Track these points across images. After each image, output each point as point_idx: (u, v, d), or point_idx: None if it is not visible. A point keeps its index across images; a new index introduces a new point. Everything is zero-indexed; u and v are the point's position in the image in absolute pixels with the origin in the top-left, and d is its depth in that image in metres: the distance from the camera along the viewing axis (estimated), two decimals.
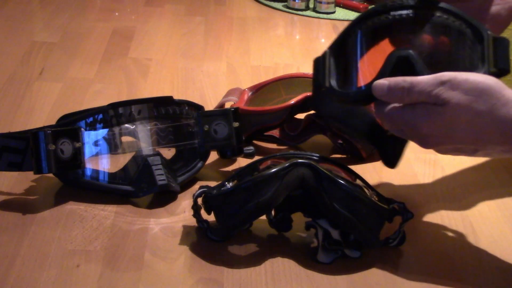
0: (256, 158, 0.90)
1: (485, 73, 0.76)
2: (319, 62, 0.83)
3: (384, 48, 0.80)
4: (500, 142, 0.73)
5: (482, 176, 0.98)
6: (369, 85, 0.77)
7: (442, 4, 0.79)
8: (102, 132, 0.89)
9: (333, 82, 0.80)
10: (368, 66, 0.80)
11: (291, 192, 0.78)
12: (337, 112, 0.91)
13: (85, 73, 1.22)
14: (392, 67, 0.76)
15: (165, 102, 0.92)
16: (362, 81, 0.79)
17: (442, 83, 0.72)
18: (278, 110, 0.97)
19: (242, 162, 0.97)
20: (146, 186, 0.87)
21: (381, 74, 0.77)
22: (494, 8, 0.85)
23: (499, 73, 0.77)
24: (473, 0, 0.84)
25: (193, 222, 0.82)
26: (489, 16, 0.85)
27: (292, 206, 0.82)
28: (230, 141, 0.92)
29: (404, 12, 0.79)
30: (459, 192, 0.95)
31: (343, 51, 0.82)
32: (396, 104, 0.75)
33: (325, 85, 0.81)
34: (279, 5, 1.62)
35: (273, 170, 0.77)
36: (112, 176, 0.89)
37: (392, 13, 0.79)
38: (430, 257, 0.81)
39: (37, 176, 0.89)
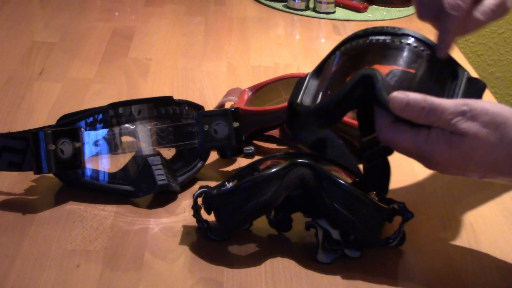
0: (256, 158, 0.90)
1: None
2: (299, 82, 0.83)
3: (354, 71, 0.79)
4: (510, 174, 0.72)
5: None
6: (325, 100, 0.78)
7: (421, 37, 0.79)
8: (102, 132, 0.89)
9: (306, 100, 0.81)
10: (336, 86, 0.80)
11: (291, 192, 0.78)
12: (308, 140, 0.87)
13: (85, 73, 1.22)
14: (354, 83, 0.75)
15: (165, 102, 0.92)
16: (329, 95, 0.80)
17: (462, 112, 0.71)
18: (278, 110, 0.97)
19: (242, 162, 0.97)
20: (146, 186, 0.87)
21: (342, 89, 0.76)
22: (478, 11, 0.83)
23: None
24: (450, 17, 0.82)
25: (193, 222, 0.82)
26: (471, 19, 0.84)
27: (292, 206, 0.81)
28: (230, 141, 0.92)
29: (381, 37, 0.79)
30: (459, 192, 0.94)
31: (321, 73, 0.83)
32: (407, 127, 0.73)
33: (296, 101, 0.81)
34: (279, 5, 1.62)
35: (273, 170, 0.77)
36: (112, 176, 0.89)
37: (370, 37, 0.80)
38: (430, 257, 0.81)
39: (37, 176, 0.89)
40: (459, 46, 2.12)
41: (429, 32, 0.81)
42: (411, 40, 0.79)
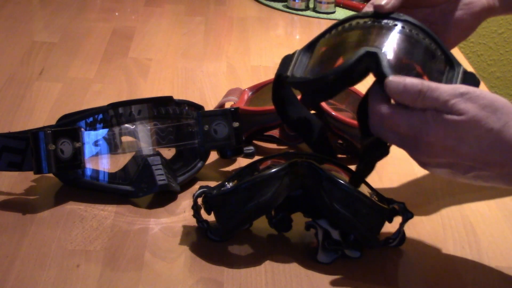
0: (256, 158, 0.90)
1: None
2: (287, 58, 0.83)
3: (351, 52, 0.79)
4: (500, 163, 0.72)
5: None
6: (325, 73, 0.77)
7: (423, 26, 0.79)
8: (102, 132, 0.89)
9: (297, 74, 0.80)
10: (332, 62, 0.80)
11: (291, 192, 0.78)
12: (293, 119, 0.88)
13: (85, 73, 1.22)
14: (358, 58, 0.75)
15: (165, 102, 0.92)
16: (323, 70, 0.79)
17: (461, 94, 0.71)
18: None
19: (242, 162, 0.97)
20: (146, 186, 0.87)
21: (345, 63, 0.75)
22: (458, 13, 0.85)
23: None
24: (435, 7, 0.85)
25: (193, 222, 0.82)
26: (453, 21, 0.85)
27: (292, 206, 0.81)
28: (230, 141, 0.92)
29: (384, 21, 0.79)
30: (459, 192, 0.94)
31: (314, 49, 0.82)
32: (401, 106, 0.73)
33: (286, 73, 0.81)
34: (279, 5, 1.62)
35: (273, 170, 0.77)
36: (112, 176, 0.89)
37: (373, 19, 0.80)
38: (430, 257, 0.81)
39: (37, 176, 0.89)
40: (459, 46, 2.12)
41: None
42: (414, 28, 0.79)
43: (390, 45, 0.77)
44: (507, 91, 2.28)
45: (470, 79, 0.77)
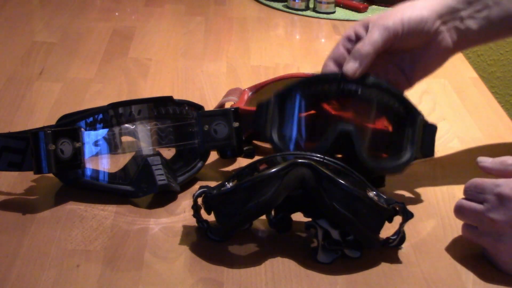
0: (256, 158, 0.90)
1: (410, 156, 0.85)
2: (262, 108, 0.89)
3: (324, 114, 0.89)
4: None
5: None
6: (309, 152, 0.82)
7: (382, 83, 0.87)
8: (102, 132, 0.89)
9: (274, 134, 0.87)
10: (306, 127, 0.89)
11: (291, 192, 0.78)
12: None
13: (85, 73, 1.22)
14: (333, 140, 0.84)
15: (165, 102, 0.92)
16: (301, 143, 0.88)
17: None
18: None
19: (242, 162, 0.97)
20: (146, 186, 0.87)
21: (322, 145, 0.84)
22: (425, 56, 0.90)
23: (422, 157, 0.87)
24: (404, 53, 0.90)
25: (193, 222, 0.82)
26: (419, 62, 0.90)
27: (292, 206, 0.82)
28: (230, 141, 0.92)
29: (353, 87, 0.86)
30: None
31: (284, 107, 0.88)
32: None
33: (266, 134, 0.88)
34: (279, 5, 1.62)
35: (273, 170, 0.77)
36: (112, 176, 0.89)
37: (342, 85, 0.86)
38: (430, 257, 0.81)
39: (37, 176, 0.89)
40: None
41: None
42: (380, 92, 0.86)
43: (360, 116, 0.87)
44: (507, 91, 2.28)
45: (428, 132, 0.88)
